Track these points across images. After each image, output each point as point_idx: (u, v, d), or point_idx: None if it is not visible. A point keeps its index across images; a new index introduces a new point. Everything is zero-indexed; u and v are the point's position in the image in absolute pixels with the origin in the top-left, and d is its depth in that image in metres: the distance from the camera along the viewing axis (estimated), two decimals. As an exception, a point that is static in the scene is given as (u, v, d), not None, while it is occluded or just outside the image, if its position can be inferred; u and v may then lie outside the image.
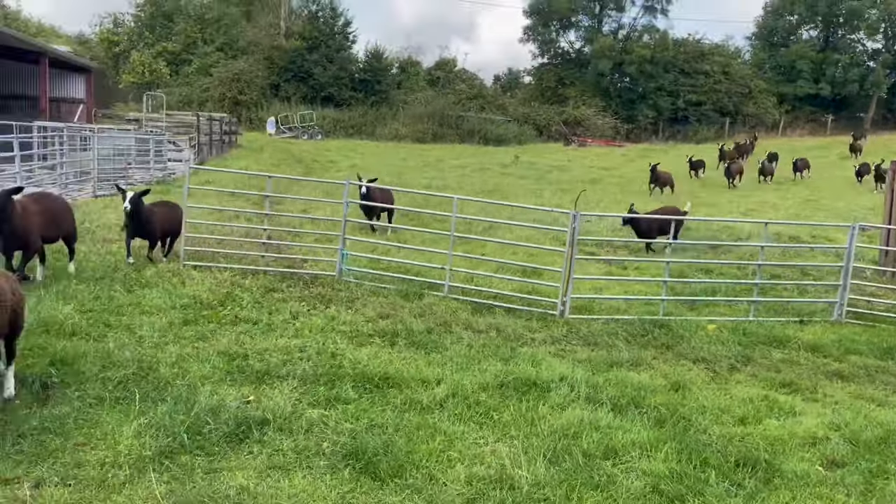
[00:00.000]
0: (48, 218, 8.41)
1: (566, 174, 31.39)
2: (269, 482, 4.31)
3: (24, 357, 5.78)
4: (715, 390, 6.78)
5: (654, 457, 4.98)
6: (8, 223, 7.61)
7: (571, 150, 46.49)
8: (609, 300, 10.14)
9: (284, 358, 6.51)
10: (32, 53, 29.76)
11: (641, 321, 9.14)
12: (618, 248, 14.47)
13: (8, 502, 3.88)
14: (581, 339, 8.56)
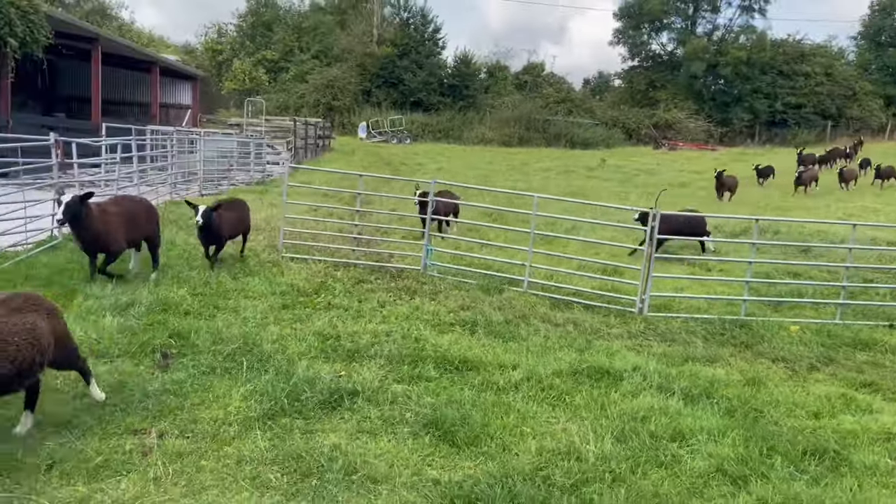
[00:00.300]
0: (128, 220, 8.32)
1: (654, 177, 30.93)
2: (359, 443, 4.80)
3: (146, 331, 6.54)
4: (791, 387, 6.83)
5: (721, 442, 5.16)
6: (84, 228, 7.62)
7: (661, 154, 45.66)
8: (689, 299, 10.19)
9: (372, 340, 7.03)
10: (145, 63, 32.05)
11: (721, 320, 9.17)
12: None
13: (138, 448, 4.51)
14: (658, 335, 8.70)
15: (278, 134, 35.05)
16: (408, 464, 4.58)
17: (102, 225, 7.80)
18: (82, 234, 7.67)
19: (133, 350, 6.10)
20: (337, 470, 4.36)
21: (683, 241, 14.28)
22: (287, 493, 4.11)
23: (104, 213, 7.92)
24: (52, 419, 4.75)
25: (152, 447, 4.53)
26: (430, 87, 55.58)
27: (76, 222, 7.51)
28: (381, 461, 4.56)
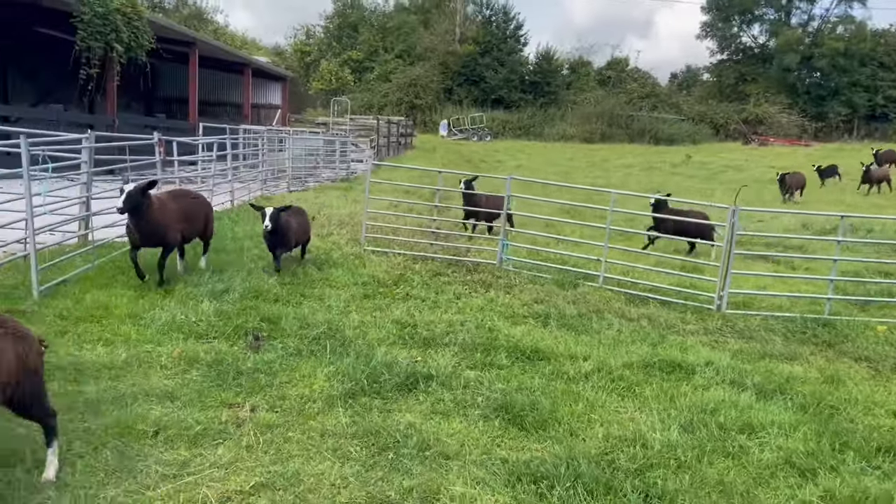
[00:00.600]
0: (186, 215, 8.25)
1: (741, 174, 30.02)
2: (432, 423, 5.08)
3: (239, 315, 7.06)
4: (872, 386, 6.68)
5: (792, 436, 5.16)
6: (144, 219, 7.44)
7: (750, 150, 44.12)
8: (771, 297, 10.00)
9: (447, 329, 7.31)
10: (238, 65, 33.51)
11: (804, 319, 8.97)
12: (789, 247, 14.01)
13: (232, 420, 4.95)
14: (736, 332, 8.62)
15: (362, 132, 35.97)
16: (478, 444, 4.83)
17: (161, 216, 7.65)
18: (141, 224, 7.47)
19: (228, 332, 6.61)
20: (412, 446, 4.65)
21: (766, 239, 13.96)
22: (366, 464, 4.44)
23: (164, 204, 7.81)
24: (158, 391, 5.26)
25: (245, 419, 4.95)
26: (511, 85, 55.63)
27: (136, 212, 7.32)
28: (452, 440, 4.83)
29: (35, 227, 7.43)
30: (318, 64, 55.66)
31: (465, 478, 4.31)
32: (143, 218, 7.42)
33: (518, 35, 59.77)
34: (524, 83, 56.50)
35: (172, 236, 7.86)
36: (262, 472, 4.21)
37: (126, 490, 3.93)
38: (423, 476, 4.31)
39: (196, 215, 8.52)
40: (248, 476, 4.16)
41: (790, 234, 14.64)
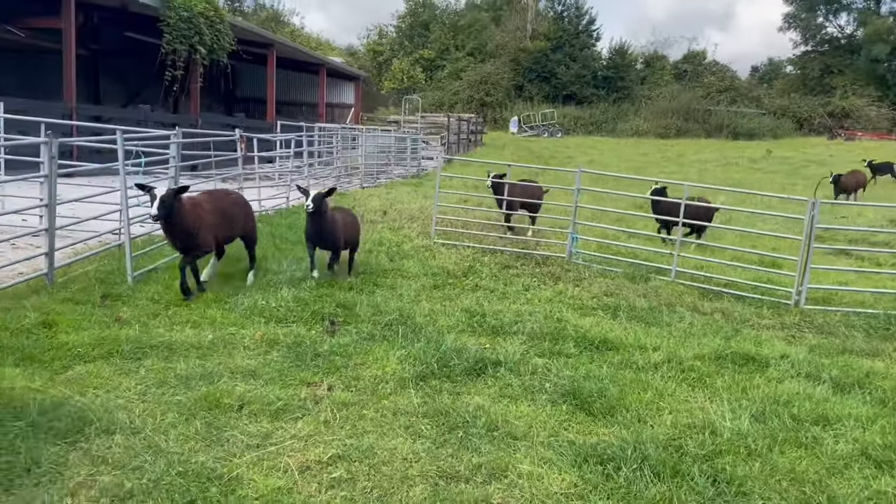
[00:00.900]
0: (222, 216, 7.76)
1: (825, 169, 28.80)
2: (500, 405, 5.20)
3: (316, 301, 7.36)
4: (960, 383, 6.40)
5: (870, 429, 5.04)
6: (177, 224, 6.99)
7: (836, 145, 42.29)
8: (853, 292, 9.67)
9: (516, 318, 7.41)
10: (314, 65, 34.42)
11: (888, 315, 8.65)
12: (875, 243, 13.47)
13: (311, 397, 5.20)
14: (814, 328, 8.40)
15: (433, 130, 36.36)
16: (545, 426, 4.92)
17: (195, 220, 7.20)
18: (174, 230, 7.03)
19: (306, 317, 6.91)
20: (480, 426, 4.79)
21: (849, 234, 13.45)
22: (436, 441, 4.60)
23: (197, 207, 7.32)
24: (241, 369, 5.57)
25: (322, 397, 5.20)
26: (583, 80, 55.04)
27: (169, 217, 6.88)
28: (520, 422, 4.94)
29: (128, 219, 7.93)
30: (390, 63, 56.50)
31: (532, 457, 4.42)
32: (176, 223, 6.98)
33: (591, 30, 59.08)
34: (596, 78, 55.77)
35: (204, 239, 7.36)
36: (338, 445, 4.42)
37: (215, 457, 4.21)
38: (492, 454, 4.44)
39: (234, 215, 8.00)
40: (325, 448, 4.38)
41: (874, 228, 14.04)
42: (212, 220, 7.49)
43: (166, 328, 6.37)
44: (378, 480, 4.08)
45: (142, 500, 3.73)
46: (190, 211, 7.14)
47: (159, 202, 6.67)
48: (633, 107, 53.07)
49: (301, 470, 4.13)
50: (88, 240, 8.85)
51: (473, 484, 4.11)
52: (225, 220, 7.80)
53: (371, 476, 4.12)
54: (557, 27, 56.96)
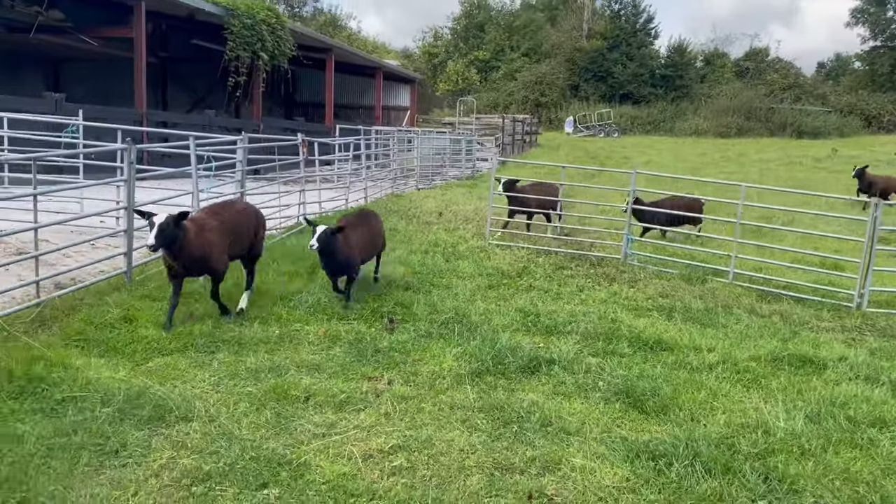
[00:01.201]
0: (231, 231, 7.00)
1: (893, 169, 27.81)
2: (554, 402, 5.35)
3: (375, 300, 7.63)
4: None
5: (930, 433, 5.00)
6: (182, 250, 6.31)
7: (907, 143, 40.62)
8: (919, 296, 9.44)
9: (569, 318, 7.53)
10: (370, 69, 34.97)
11: (956, 319, 8.44)
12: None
13: (372, 390, 5.45)
14: (876, 331, 8.26)
15: (487, 131, 36.49)
16: (598, 423, 5.05)
17: (203, 244, 6.50)
18: (181, 257, 6.36)
19: (366, 315, 7.19)
20: (534, 421, 4.95)
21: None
22: (492, 434, 4.78)
23: (202, 229, 6.58)
24: (306, 364, 5.87)
25: (383, 391, 5.44)
26: (640, 79, 54.27)
27: (172, 245, 6.23)
28: (573, 418, 5.08)
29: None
30: (445, 65, 56.81)
31: (585, 452, 4.56)
32: (181, 249, 6.30)
33: (648, 28, 58.21)
34: (654, 77, 54.91)
35: (217, 262, 6.69)
36: (398, 436, 4.66)
37: (284, 444, 4.49)
38: (545, 448, 4.60)
39: (243, 228, 7.26)
40: (386, 438, 4.61)
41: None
42: (221, 239, 6.78)
43: (236, 324, 6.73)
44: (436, 469, 4.29)
45: (219, 482, 4.03)
46: (196, 236, 6.43)
47: (157, 231, 6.00)
48: (692, 105, 52.06)
49: (364, 458, 4.37)
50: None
51: (528, 475, 4.28)
52: (236, 236, 7.07)
53: (430, 465, 4.33)
54: (614, 26, 56.32)
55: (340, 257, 7.23)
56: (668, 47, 57.71)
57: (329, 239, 6.98)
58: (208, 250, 6.55)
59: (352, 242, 7.39)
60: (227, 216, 7.06)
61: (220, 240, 6.76)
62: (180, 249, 6.29)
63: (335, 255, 7.18)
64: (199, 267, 6.64)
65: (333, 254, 7.14)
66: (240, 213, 7.40)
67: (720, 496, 4.03)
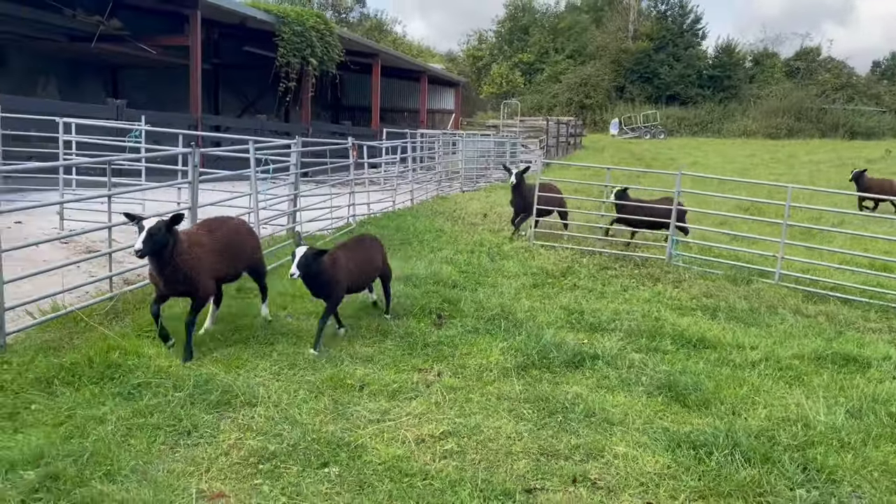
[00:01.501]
0: (225, 250, 6.32)
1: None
2: (598, 395, 5.55)
3: (424, 297, 7.92)
4: None
5: (976, 430, 5.04)
6: (168, 263, 5.66)
7: (966, 143, 39.31)
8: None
9: (613, 316, 7.70)
10: (415, 72, 35.41)
11: None
12: None
13: (422, 381, 5.73)
14: (926, 332, 8.20)
15: (531, 133, 36.57)
16: (641, 415, 5.23)
17: (191, 260, 5.83)
18: (165, 270, 5.70)
19: (415, 311, 7.48)
20: (578, 412, 5.16)
21: None
22: (537, 423, 5.01)
23: (194, 245, 5.94)
24: (360, 355, 6.18)
25: (433, 382, 5.72)
26: (687, 80, 53.64)
27: (159, 254, 5.60)
28: (616, 409, 5.27)
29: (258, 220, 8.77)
30: (489, 68, 57.03)
31: (627, 441, 4.75)
32: (169, 261, 5.66)
33: (696, 29, 57.49)
34: (702, 78, 54.21)
35: (204, 288, 5.98)
36: (448, 423, 4.92)
37: (342, 428, 4.79)
38: (589, 437, 4.80)
39: (238, 248, 6.56)
40: (437, 425, 4.88)
41: None
42: (211, 260, 6.09)
43: (294, 319, 7.08)
44: (485, 454, 4.53)
45: (283, 461, 4.35)
46: (188, 249, 5.79)
47: (146, 235, 5.42)
48: (740, 106, 51.25)
49: (417, 442, 4.64)
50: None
51: (572, 461, 4.49)
52: (227, 257, 6.36)
53: (479, 450, 4.58)
54: (661, 27, 55.78)
55: (324, 279, 6.34)
56: (715, 48, 56.98)
57: (311, 262, 6.12)
58: (196, 268, 5.85)
59: (340, 265, 6.53)
60: (221, 234, 6.38)
61: (210, 259, 6.07)
62: (169, 259, 5.64)
63: (318, 278, 6.30)
64: (183, 285, 5.85)
65: (318, 276, 6.26)
66: (236, 231, 6.67)
67: (759, 484, 4.18)
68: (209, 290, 6.12)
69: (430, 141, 22.97)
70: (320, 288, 6.44)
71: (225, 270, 6.39)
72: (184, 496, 3.90)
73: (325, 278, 6.35)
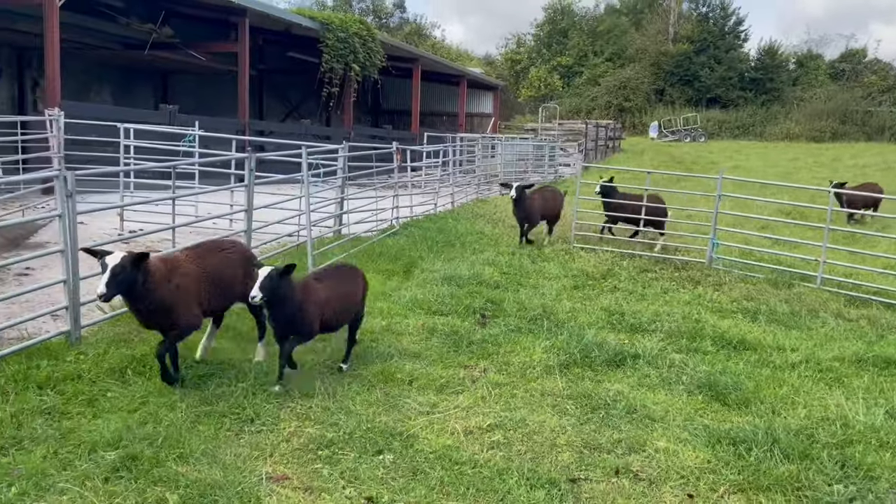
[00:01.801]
0: (211, 280, 5.66)
1: None
2: (639, 392, 5.73)
3: (468, 297, 8.17)
4: None
5: None
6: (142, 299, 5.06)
7: None
8: None
9: (653, 318, 7.84)
10: (455, 76, 35.75)
11: None
12: None
13: (468, 377, 5.97)
14: (971, 338, 8.16)
15: (570, 137, 36.57)
16: (681, 412, 5.39)
17: (171, 291, 5.22)
18: (139, 306, 5.11)
19: (460, 310, 7.74)
20: (620, 408, 5.34)
21: None
22: (580, 419, 5.21)
23: (174, 273, 5.32)
24: (408, 352, 6.45)
25: (478, 377, 5.96)
26: (728, 83, 52.94)
27: (128, 293, 4.97)
28: (657, 407, 5.45)
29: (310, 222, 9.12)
30: (528, 71, 57.08)
31: (668, 436, 4.93)
32: (143, 297, 5.05)
33: (738, 31, 56.73)
34: (743, 80, 53.44)
35: (186, 319, 5.36)
36: (494, 416, 5.15)
37: (394, 419, 5.06)
38: (631, 432, 4.99)
39: (228, 275, 5.84)
40: (484, 418, 5.12)
41: None
42: (196, 290, 5.48)
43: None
44: (530, 446, 4.76)
45: (341, 448, 4.63)
46: (163, 280, 5.18)
47: (109, 275, 4.78)
48: (783, 109, 50.43)
49: (465, 433, 4.89)
50: (270, 241, 10.19)
51: (614, 454, 4.69)
52: (216, 285, 5.70)
53: (524, 442, 4.81)
54: (702, 29, 55.16)
55: (292, 308, 5.37)
56: (758, 49, 56.13)
57: (278, 284, 5.18)
58: (177, 300, 5.24)
59: (312, 293, 5.59)
60: (210, 261, 5.72)
61: (194, 289, 5.45)
62: (142, 295, 5.03)
63: (286, 306, 5.33)
64: (162, 319, 5.25)
65: (285, 303, 5.31)
66: (227, 256, 5.92)
67: (797, 478, 4.32)
68: (193, 324, 5.46)
69: (469, 145, 23.23)
70: (288, 320, 5.43)
71: (218, 300, 5.77)
72: (251, 478, 4.20)
73: (294, 307, 5.37)
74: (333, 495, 4.07)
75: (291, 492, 4.09)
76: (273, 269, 5.22)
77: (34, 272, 8.20)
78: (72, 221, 5.81)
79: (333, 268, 6.40)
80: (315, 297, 5.60)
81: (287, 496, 4.04)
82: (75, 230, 5.91)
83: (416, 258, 10.01)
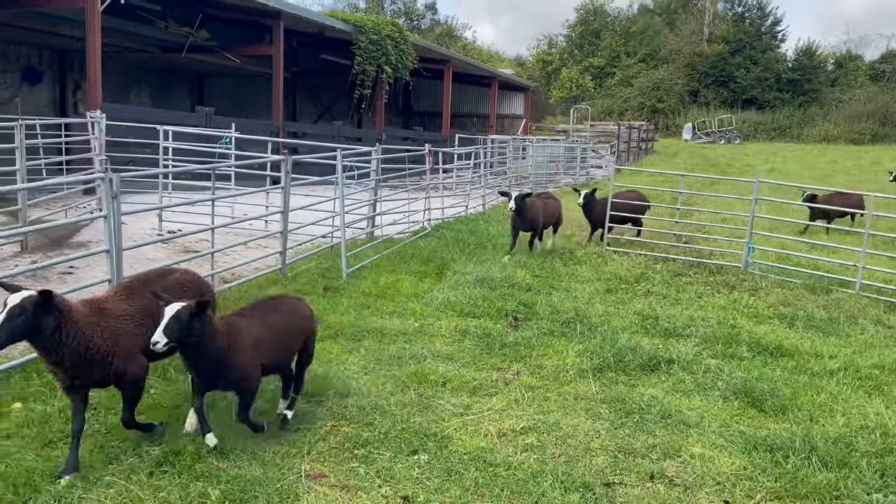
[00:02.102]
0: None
1: None
2: (674, 398, 5.70)
3: (500, 299, 8.19)
4: None
5: None
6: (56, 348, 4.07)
7: None
8: None
9: (688, 322, 7.78)
10: (485, 78, 35.75)
11: None
12: None
13: (501, 379, 6.00)
14: None
15: (602, 138, 36.38)
16: (717, 418, 5.35)
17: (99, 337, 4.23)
18: (54, 358, 4.12)
19: (492, 312, 7.77)
20: (654, 413, 5.33)
21: None
22: (614, 423, 5.21)
23: (102, 315, 4.36)
24: (441, 353, 6.50)
25: (511, 380, 5.99)
26: (765, 84, 52.13)
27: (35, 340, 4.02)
28: (692, 412, 5.42)
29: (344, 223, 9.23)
30: (559, 72, 56.86)
31: (704, 442, 4.91)
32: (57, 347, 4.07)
33: (775, 31, 55.87)
34: (780, 81, 52.58)
35: (128, 363, 4.38)
36: (528, 419, 5.17)
37: (428, 419, 5.11)
38: (665, 437, 4.98)
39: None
40: (517, 420, 5.15)
41: None
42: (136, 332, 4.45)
43: (377, 317, 7.48)
44: (564, 449, 4.77)
45: (376, 447, 4.69)
46: (88, 325, 4.20)
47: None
48: (821, 111, 49.52)
49: (499, 435, 4.92)
50: (305, 242, 10.33)
51: (649, 459, 4.68)
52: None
53: (558, 445, 4.82)
54: (738, 29, 54.41)
55: (214, 352, 4.30)
56: (795, 50, 55.20)
57: (187, 324, 4.09)
58: (107, 347, 4.25)
59: (241, 332, 4.53)
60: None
61: (132, 331, 4.43)
62: (55, 345, 4.05)
63: (204, 350, 4.26)
64: (93, 371, 4.25)
65: (201, 348, 4.23)
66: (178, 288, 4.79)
67: (835, 487, 4.28)
68: (139, 373, 4.48)
69: (500, 146, 23.21)
70: (214, 368, 4.35)
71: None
72: (289, 475, 4.28)
73: (216, 352, 4.30)
74: (370, 493, 4.14)
75: (329, 489, 4.16)
76: (182, 306, 4.09)
77: (78, 271, 8.43)
78: (117, 222, 5.97)
79: (270, 300, 5.22)
80: (245, 341, 4.51)
81: (325, 493, 4.11)
82: (120, 231, 6.07)
83: (448, 260, 10.07)
